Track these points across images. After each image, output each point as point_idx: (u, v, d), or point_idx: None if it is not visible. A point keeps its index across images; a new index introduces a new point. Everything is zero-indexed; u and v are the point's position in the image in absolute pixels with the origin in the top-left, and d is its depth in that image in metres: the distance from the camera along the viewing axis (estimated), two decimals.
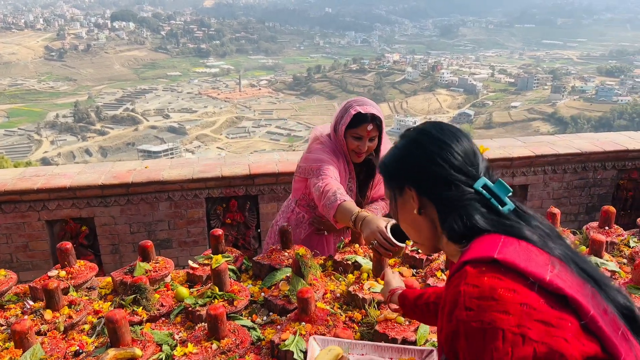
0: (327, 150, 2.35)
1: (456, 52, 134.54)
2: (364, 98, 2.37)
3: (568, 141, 4.41)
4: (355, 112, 2.24)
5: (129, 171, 3.70)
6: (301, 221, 2.59)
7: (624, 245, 2.41)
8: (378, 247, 1.81)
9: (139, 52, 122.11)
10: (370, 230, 1.84)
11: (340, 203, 2.03)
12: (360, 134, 2.28)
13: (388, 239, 1.78)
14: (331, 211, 2.05)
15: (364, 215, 1.92)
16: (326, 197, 2.10)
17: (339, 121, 2.31)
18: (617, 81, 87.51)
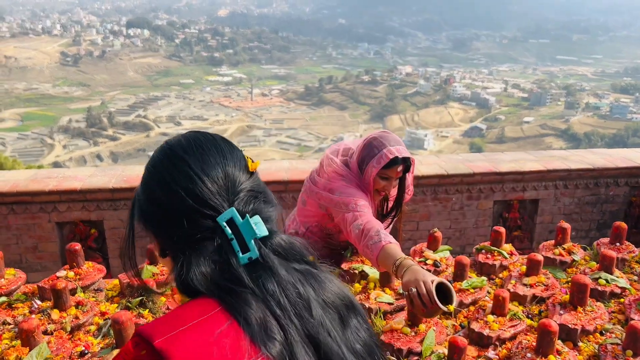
0: (354, 185, 2.23)
1: (469, 65, 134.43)
2: (392, 135, 2.26)
3: (580, 156, 4.38)
4: (392, 156, 2.13)
5: (139, 175, 3.72)
6: (314, 247, 2.52)
7: (635, 262, 2.38)
8: (415, 297, 1.59)
9: (153, 59, 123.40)
10: (414, 277, 1.63)
11: (385, 245, 1.88)
12: (390, 175, 2.20)
13: (430, 292, 1.56)
14: (375, 252, 1.91)
15: (409, 263, 1.74)
16: (368, 236, 1.96)
17: (367, 160, 2.19)
18: (632, 98, 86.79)
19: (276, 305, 0.76)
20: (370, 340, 0.84)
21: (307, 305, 0.78)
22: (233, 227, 0.79)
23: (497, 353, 1.73)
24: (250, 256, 0.78)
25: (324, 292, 0.81)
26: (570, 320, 1.82)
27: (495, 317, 1.83)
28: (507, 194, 4.11)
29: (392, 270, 1.79)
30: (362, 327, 0.84)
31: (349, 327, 0.81)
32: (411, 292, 1.60)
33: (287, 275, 0.79)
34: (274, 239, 0.83)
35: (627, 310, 1.94)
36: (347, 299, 0.84)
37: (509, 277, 2.17)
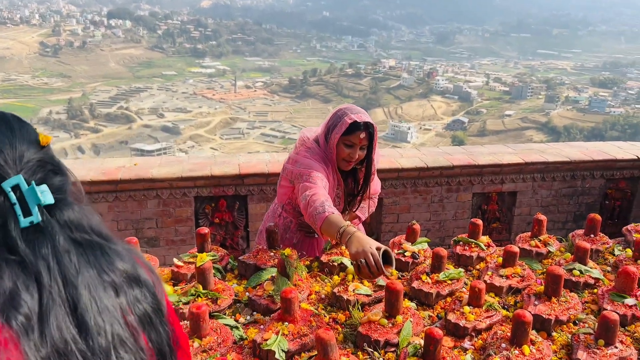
0: (317, 158, 2.32)
1: (452, 59, 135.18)
2: (356, 106, 2.36)
3: (558, 149, 4.44)
4: (351, 121, 2.23)
5: (117, 168, 3.68)
6: (289, 226, 2.58)
7: (608, 254, 2.43)
8: (363, 267, 1.79)
9: (135, 50, 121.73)
10: (361, 248, 1.81)
11: (328, 215, 2.00)
12: (352, 142, 2.26)
13: (378, 263, 1.76)
14: (318, 222, 2.03)
15: (352, 230, 1.90)
16: (313, 207, 2.07)
17: (332, 129, 2.29)
18: (610, 93, 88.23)
19: (45, 269, 0.75)
20: (152, 312, 0.84)
21: (76, 273, 0.78)
22: (19, 194, 0.79)
23: (472, 343, 1.76)
24: (31, 220, 0.78)
25: (105, 264, 0.82)
26: (544, 311, 1.85)
27: (471, 308, 1.85)
28: (486, 187, 4.16)
29: (336, 237, 1.94)
30: (145, 300, 0.84)
31: (125, 297, 0.82)
32: (361, 263, 1.79)
33: (66, 243, 0.79)
34: (62, 208, 0.83)
35: (600, 300, 1.98)
36: (133, 273, 0.84)
37: (485, 269, 2.20)
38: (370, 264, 1.77)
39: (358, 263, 1.81)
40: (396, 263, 2.26)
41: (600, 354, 1.62)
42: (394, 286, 1.76)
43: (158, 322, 0.85)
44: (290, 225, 2.58)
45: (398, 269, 2.26)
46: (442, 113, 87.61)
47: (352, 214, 2.57)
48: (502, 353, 1.60)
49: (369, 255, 1.78)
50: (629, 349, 1.65)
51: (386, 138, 73.74)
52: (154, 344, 0.82)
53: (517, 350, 1.61)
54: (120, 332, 0.78)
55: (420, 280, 2.07)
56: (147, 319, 0.83)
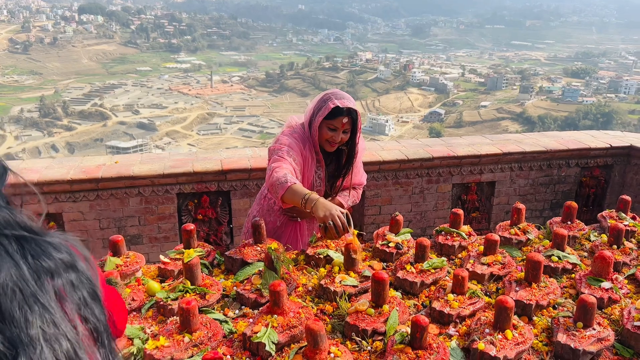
0: (295, 136, 2.44)
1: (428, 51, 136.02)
2: (341, 91, 2.45)
3: (534, 139, 4.54)
4: (334, 106, 2.33)
5: (98, 166, 3.64)
6: (272, 208, 2.64)
7: (585, 239, 2.51)
8: (331, 228, 2.01)
9: (108, 46, 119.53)
10: (328, 211, 2.04)
11: (291, 185, 2.15)
12: (335, 126, 2.38)
13: (344, 223, 2.01)
14: (280, 191, 2.16)
15: (315, 197, 2.10)
16: (275, 178, 2.19)
17: (316, 112, 2.40)
18: (583, 82, 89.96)
19: None
20: (88, 296, 0.84)
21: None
22: None
23: (457, 330, 1.80)
24: None
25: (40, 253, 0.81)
26: (525, 296, 1.90)
27: (455, 296, 1.90)
28: (465, 177, 4.23)
29: (301, 204, 2.12)
30: (82, 285, 0.84)
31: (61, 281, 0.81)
32: (329, 225, 2.01)
33: None
34: None
35: (577, 284, 2.05)
36: (68, 262, 0.85)
37: (467, 257, 2.25)
38: (338, 225, 2.00)
39: (326, 225, 2.02)
40: (381, 254, 2.32)
41: (579, 335, 1.68)
42: (380, 276, 1.79)
43: (94, 305, 0.85)
44: (273, 206, 2.64)
45: (383, 260, 2.31)
46: (419, 105, 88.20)
47: (336, 200, 2.63)
48: (486, 338, 1.65)
49: (336, 217, 2.00)
50: (607, 330, 1.72)
51: (364, 131, 73.88)
52: (90, 325, 0.82)
53: (500, 334, 1.66)
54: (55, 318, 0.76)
55: (404, 270, 2.11)
56: (83, 302, 0.83)
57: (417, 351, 1.59)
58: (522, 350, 1.65)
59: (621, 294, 2.00)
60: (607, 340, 1.70)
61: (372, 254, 2.36)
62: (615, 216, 2.63)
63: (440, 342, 1.66)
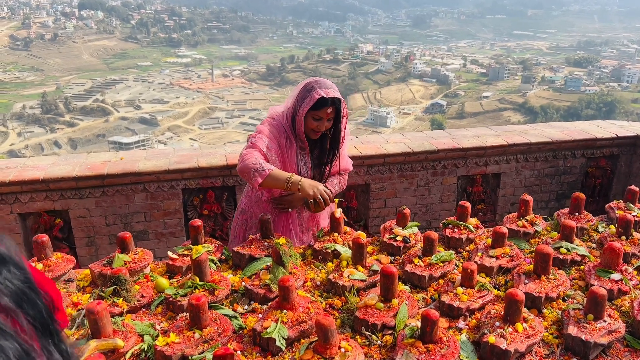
0: (274, 124, 2.49)
1: (429, 42, 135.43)
2: (324, 79, 2.47)
3: (539, 130, 4.52)
4: (319, 97, 2.35)
5: (103, 162, 3.64)
6: (260, 199, 2.66)
7: (593, 231, 2.50)
8: (320, 202, 2.29)
9: (108, 41, 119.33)
10: (316, 188, 2.29)
11: (270, 172, 2.28)
12: (320, 116, 2.41)
13: (330, 196, 2.32)
14: (258, 178, 2.27)
15: (298, 178, 2.30)
16: (251, 165, 2.28)
17: (300, 102, 2.41)
18: (585, 71, 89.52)
19: None
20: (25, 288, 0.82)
21: None
22: None
23: (467, 323, 1.80)
24: None
25: None
26: (534, 289, 1.90)
27: (464, 289, 1.90)
28: (471, 169, 4.22)
29: (286, 187, 2.30)
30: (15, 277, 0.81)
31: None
32: (319, 199, 2.29)
33: None
34: None
35: (587, 276, 2.04)
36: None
37: (475, 250, 2.24)
38: (326, 199, 2.30)
39: (315, 200, 2.29)
40: (388, 248, 2.32)
41: (590, 328, 1.68)
42: (389, 270, 1.79)
43: (33, 296, 0.82)
44: (261, 197, 2.67)
45: (390, 254, 2.30)
46: (420, 97, 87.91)
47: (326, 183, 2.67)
48: (497, 331, 1.64)
49: (323, 192, 2.29)
50: (617, 322, 1.71)
51: (366, 123, 73.77)
52: (35, 319, 0.80)
53: (511, 327, 1.66)
54: None
55: (412, 264, 2.10)
56: (22, 296, 0.80)
57: (428, 345, 1.58)
58: (532, 343, 1.64)
59: (631, 285, 1.99)
60: (618, 332, 1.70)
61: (380, 247, 2.36)
62: (624, 207, 2.62)
63: (450, 335, 1.66)
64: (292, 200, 2.60)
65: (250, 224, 2.71)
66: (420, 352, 1.57)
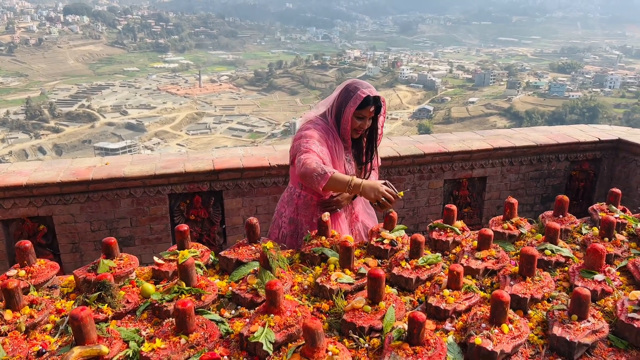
0: (319, 128, 2.54)
1: (415, 48, 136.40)
2: (361, 80, 2.58)
3: (524, 134, 4.57)
4: (365, 96, 2.45)
5: (88, 168, 3.61)
6: (309, 204, 2.71)
7: (576, 233, 2.53)
8: (385, 203, 2.33)
9: (94, 46, 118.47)
10: (377, 190, 2.33)
11: (332, 175, 2.30)
12: (364, 115, 2.52)
13: (393, 193, 2.34)
14: (322, 182, 2.30)
15: (359, 181, 2.34)
16: (312, 169, 2.31)
17: (344, 102, 2.50)
18: (569, 77, 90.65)
19: None
20: None
21: None
22: None
23: (453, 325, 1.81)
24: None
25: None
26: (520, 290, 1.92)
27: (450, 291, 1.91)
28: (457, 173, 4.25)
29: (347, 189, 2.35)
30: None
31: None
32: (383, 201, 2.34)
33: None
34: None
35: (571, 277, 2.06)
36: None
37: (461, 252, 2.26)
38: (389, 198, 2.33)
39: (380, 202, 2.33)
40: (375, 251, 2.32)
41: (574, 328, 1.70)
42: (376, 273, 1.79)
43: None
44: (310, 202, 2.71)
45: (378, 257, 2.31)
46: (407, 102, 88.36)
47: None
48: (483, 332, 1.65)
49: (385, 193, 2.33)
50: (601, 322, 1.73)
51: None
52: None
53: (497, 329, 1.67)
54: None
55: (399, 267, 2.11)
56: None
57: (415, 347, 1.59)
58: (518, 344, 1.65)
59: (614, 286, 2.02)
60: (602, 332, 1.71)
61: (367, 251, 2.36)
62: (606, 209, 2.65)
63: (437, 337, 1.66)
64: (340, 200, 2.70)
65: (302, 232, 2.74)
66: (407, 354, 1.57)
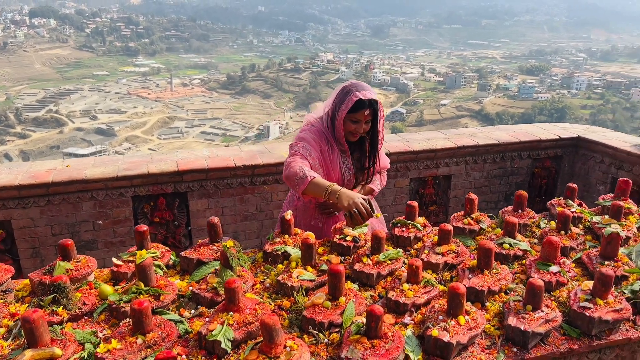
0: (313, 130, 2.51)
1: (388, 51, 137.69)
2: (360, 82, 2.51)
3: (487, 133, 4.65)
4: (357, 99, 2.38)
5: (48, 171, 3.53)
6: (307, 207, 2.70)
7: (535, 227, 2.58)
8: (356, 215, 2.17)
9: (62, 50, 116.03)
10: (352, 200, 2.19)
11: (311, 179, 2.26)
12: (358, 119, 2.45)
13: (367, 209, 2.18)
14: (301, 186, 2.27)
15: (337, 188, 2.24)
16: (293, 172, 2.29)
17: (338, 106, 2.44)
18: (537, 79, 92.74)
19: None
20: None
21: None
22: None
23: (412, 318, 1.83)
24: None
25: None
26: (477, 283, 1.95)
27: (410, 286, 1.93)
28: (422, 171, 4.30)
29: (324, 196, 2.25)
30: None
31: None
32: (354, 212, 2.17)
33: None
34: None
35: (528, 270, 2.11)
36: None
37: (422, 248, 2.29)
38: (362, 211, 2.17)
39: (351, 213, 2.17)
40: (338, 248, 2.33)
41: (529, 318, 1.74)
42: (335, 269, 1.80)
43: None
44: (309, 205, 2.70)
45: (340, 254, 2.31)
46: None
47: (367, 188, 2.73)
48: (440, 325, 1.68)
49: (359, 205, 2.16)
50: (554, 312, 1.78)
51: None
52: None
53: (454, 320, 1.69)
54: None
55: (361, 263, 2.12)
56: None
57: (373, 340, 1.60)
58: (474, 335, 1.68)
59: (568, 277, 2.07)
60: (555, 321, 1.76)
61: (330, 248, 2.37)
62: (563, 203, 2.72)
63: (395, 331, 1.68)
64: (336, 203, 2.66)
65: None
66: (365, 348, 1.58)
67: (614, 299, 1.83)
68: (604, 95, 78.53)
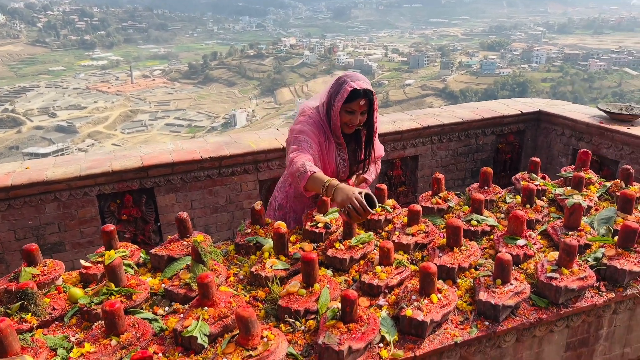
0: (311, 122, 2.48)
1: (350, 33, 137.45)
2: (355, 73, 2.50)
3: (451, 112, 4.71)
4: (351, 89, 2.37)
5: (7, 174, 3.41)
6: (301, 194, 2.67)
7: (501, 202, 2.64)
8: (351, 211, 2.05)
9: (14, 46, 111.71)
10: (346, 195, 2.08)
11: (311, 174, 2.22)
12: (353, 109, 2.43)
13: (362, 204, 2.03)
14: (302, 181, 2.24)
15: (335, 183, 2.16)
16: (295, 168, 2.27)
17: (334, 97, 2.43)
18: (498, 55, 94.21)
19: None
20: None
21: None
22: None
23: (386, 300, 1.86)
24: None
25: None
26: (448, 261, 1.99)
27: (382, 268, 1.95)
28: (390, 153, 4.33)
29: (322, 192, 2.19)
30: None
31: None
32: (349, 208, 2.04)
33: None
34: None
35: (496, 244, 2.16)
36: None
37: (393, 230, 2.31)
38: (357, 207, 2.03)
39: (346, 209, 2.06)
40: (310, 235, 2.33)
41: (499, 292, 1.78)
42: (308, 257, 1.81)
43: None
44: (289, 194, 2.69)
45: (313, 241, 2.32)
46: None
47: (360, 177, 2.72)
48: (413, 304, 1.71)
49: (354, 200, 2.04)
50: (523, 284, 1.83)
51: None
52: None
53: (426, 299, 1.72)
54: None
55: (334, 248, 2.13)
56: None
57: (349, 325, 1.62)
58: (447, 312, 1.72)
59: (535, 249, 2.13)
60: (524, 293, 1.81)
61: (303, 236, 2.37)
62: (527, 177, 2.79)
63: (370, 313, 1.70)
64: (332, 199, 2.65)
65: (289, 220, 2.72)
66: (341, 332, 1.60)
67: (578, 268, 1.89)
68: (563, 68, 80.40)
